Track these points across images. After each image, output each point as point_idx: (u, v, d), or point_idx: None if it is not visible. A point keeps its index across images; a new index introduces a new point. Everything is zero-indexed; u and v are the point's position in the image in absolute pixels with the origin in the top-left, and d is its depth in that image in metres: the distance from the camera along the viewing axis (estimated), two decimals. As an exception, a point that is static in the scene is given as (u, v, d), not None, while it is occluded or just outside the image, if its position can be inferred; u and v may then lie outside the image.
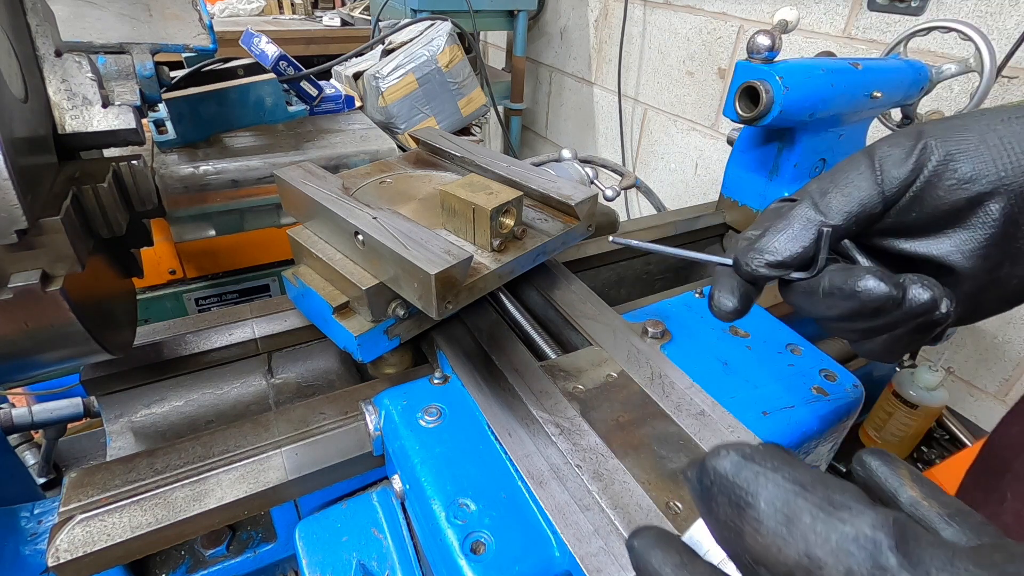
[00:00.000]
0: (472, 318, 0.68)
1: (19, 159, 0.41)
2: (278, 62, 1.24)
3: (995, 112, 0.32)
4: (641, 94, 2.23)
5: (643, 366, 0.60)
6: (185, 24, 0.76)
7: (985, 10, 1.24)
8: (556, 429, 0.52)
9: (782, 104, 0.84)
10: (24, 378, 0.87)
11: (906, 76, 1.00)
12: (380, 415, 0.58)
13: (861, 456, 0.26)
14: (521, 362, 0.61)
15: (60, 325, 0.46)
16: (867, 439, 1.29)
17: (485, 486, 0.49)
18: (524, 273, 0.66)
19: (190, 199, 1.08)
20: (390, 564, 0.55)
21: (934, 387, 1.17)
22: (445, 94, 1.66)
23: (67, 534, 0.48)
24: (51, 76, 0.53)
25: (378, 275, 0.58)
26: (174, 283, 1.17)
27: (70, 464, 0.90)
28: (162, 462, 0.55)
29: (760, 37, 0.85)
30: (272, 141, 1.21)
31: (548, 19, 2.66)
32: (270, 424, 0.59)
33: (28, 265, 0.44)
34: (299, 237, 0.66)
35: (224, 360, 0.70)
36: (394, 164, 0.81)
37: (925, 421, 1.20)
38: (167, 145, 1.12)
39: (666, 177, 2.21)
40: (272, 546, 0.66)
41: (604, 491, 0.46)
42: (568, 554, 0.43)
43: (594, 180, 1.02)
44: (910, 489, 0.23)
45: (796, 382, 0.65)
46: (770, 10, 1.67)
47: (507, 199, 0.58)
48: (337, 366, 0.76)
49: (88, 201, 0.50)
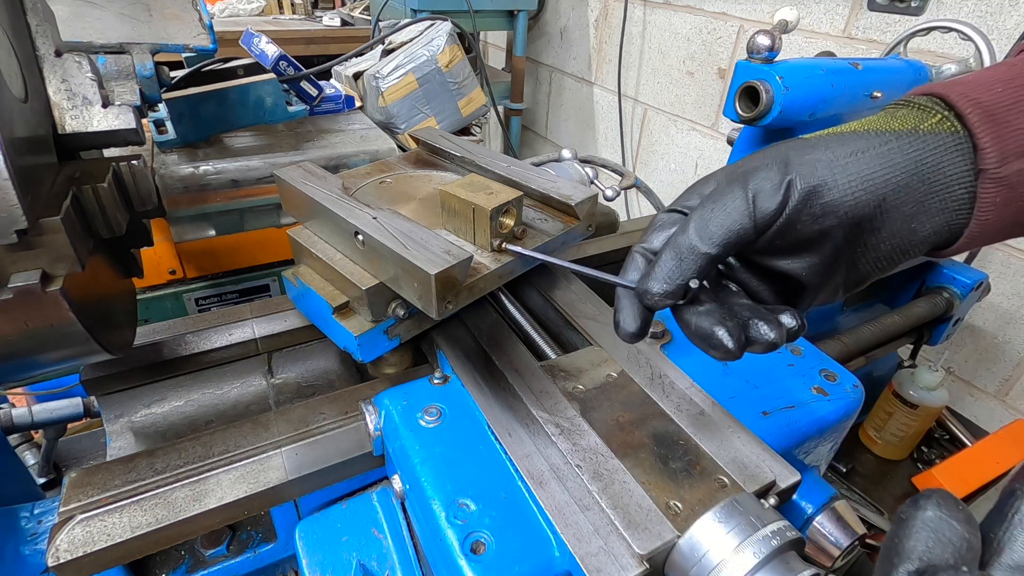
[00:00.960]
0: (472, 318, 0.68)
1: (19, 159, 0.41)
2: (278, 62, 1.24)
3: (858, 139, 0.37)
4: (641, 94, 2.23)
5: (643, 366, 0.60)
6: (185, 24, 0.76)
7: (985, 10, 1.24)
8: (556, 429, 0.52)
9: (782, 104, 0.84)
10: (24, 378, 0.87)
11: (906, 76, 1.00)
12: (380, 415, 0.58)
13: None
14: (521, 362, 0.61)
15: (60, 325, 0.46)
16: (867, 439, 1.29)
17: (485, 486, 0.49)
18: (524, 273, 0.66)
19: (190, 199, 1.08)
20: (390, 564, 0.55)
21: (934, 387, 1.17)
22: (445, 94, 1.66)
23: (67, 534, 0.48)
24: (51, 76, 0.53)
25: (378, 275, 0.58)
26: (174, 283, 1.17)
27: (70, 464, 0.90)
28: (162, 462, 0.55)
29: (760, 37, 0.85)
30: (272, 141, 1.21)
31: (548, 19, 2.67)
32: (270, 424, 0.59)
33: (28, 265, 0.44)
34: (299, 237, 0.66)
35: (224, 360, 0.70)
36: (394, 164, 0.81)
37: (925, 421, 1.20)
38: (167, 145, 1.12)
39: (666, 177, 2.21)
40: (272, 546, 0.66)
41: (604, 491, 0.46)
42: (568, 554, 0.43)
43: (594, 180, 1.02)
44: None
45: (796, 382, 0.65)
46: (770, 10, 1.67)
47: (507, 199, 0.58)
48: (337, 366, 0.76)
49: (88, 201, 0.50)
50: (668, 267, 0.38)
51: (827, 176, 0.36)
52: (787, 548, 0.40)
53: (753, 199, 0.37)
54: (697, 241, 0.37)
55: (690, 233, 0.38)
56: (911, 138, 0.36)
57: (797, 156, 0.37)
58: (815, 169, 0.36)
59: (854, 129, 0.38)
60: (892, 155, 0.36)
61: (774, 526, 0.41)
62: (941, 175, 0.36)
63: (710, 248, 0.37)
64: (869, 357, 1.11)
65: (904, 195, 0.36)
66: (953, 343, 1.44)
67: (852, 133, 0.38)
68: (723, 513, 0.42)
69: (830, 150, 0.37)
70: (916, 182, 0.36)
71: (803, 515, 0.61)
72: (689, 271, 0.38)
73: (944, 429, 1.33)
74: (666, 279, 0.38)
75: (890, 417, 1.22)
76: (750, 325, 0.39)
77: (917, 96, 0.39)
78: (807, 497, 0.61)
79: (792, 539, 0.40)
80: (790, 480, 0.49)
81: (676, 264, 0.38)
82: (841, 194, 0.36)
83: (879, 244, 0.38)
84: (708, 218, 0.38)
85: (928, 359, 1.41)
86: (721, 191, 0.38)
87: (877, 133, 0.37)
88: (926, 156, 0.36)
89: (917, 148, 0.36)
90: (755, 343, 0.39)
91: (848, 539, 0.59)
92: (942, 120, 0.36)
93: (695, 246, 0.38)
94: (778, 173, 0.37)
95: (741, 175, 0.38)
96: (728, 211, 0.37)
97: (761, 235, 0.38)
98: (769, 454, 0.51)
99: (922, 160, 0.36)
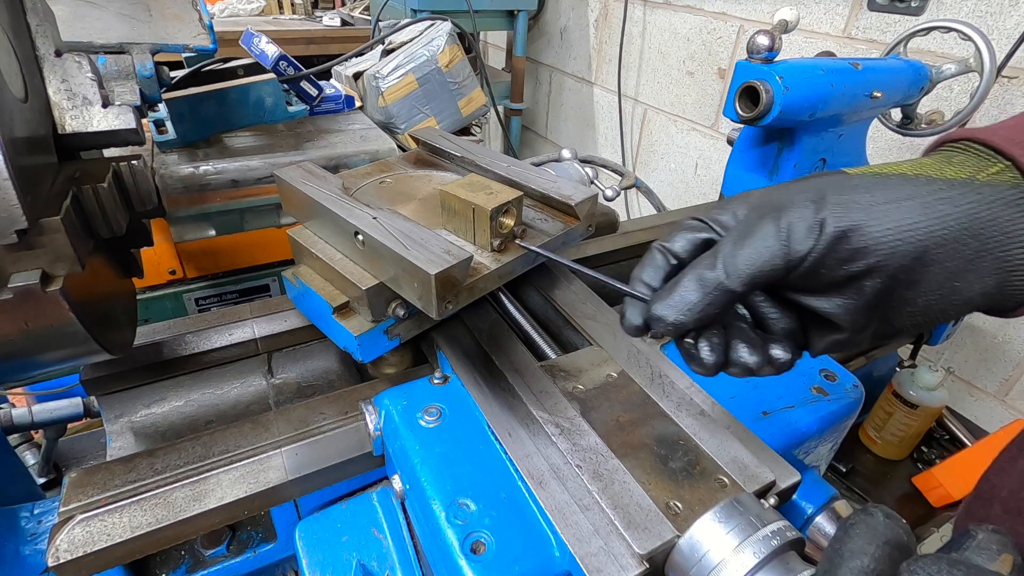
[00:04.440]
0: (472, 318, 0.68)
1: (19, 159, 0.41)
2: (278, 62, 1.24)
3: (905, 184, 0.34)
4: (641, 94, 2.23)
5: (643, 366, 0.60)
6: (185, 24, 0.76)
7: (985, 10, 1.24)
8: (556, 429, 0.52)
9: (782, 104, 0.84)
10: (24, 378, 0.87)
11: (906, 76, 1.00)
12: (380, 415, 0.58)
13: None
14: (521, 362, 0.61)
15: (60, 325, 0.46)
16: (867, 439, 1.29)
17: (485, 486, 0.49)
18: (524, 273, 0.66)
19: (190, 199, 1.08)
20: (390, 564, 0.55)
21: (934, 387, 1.17)
22: (445, 94, 1.66)
23: (67, 534, 0.48)
24: (51, 76, 0.53)
25: (378, 275, 0.58)
26: (174, 283, 1.17)
27: (70, 464, 0.90)
28: (162, 462, 0.55)
29: (760, 37, 0.85)
30: (272, 141, 1.21)
31: (548, 19, 2.66)
32: (270, 424, 0.59)
33: (28, 265, 0.44)
34: (299, 237, 0.66)
35: (224, 360, 0.70)
36: (394, 164, 0.81)
37: (925, 421, 1.20)
38: (167, 145, 1.12)
39: (666, 177, 2.21)
40: (272, 546, 0.66)
41: (604, 491, 0.46)
42: (568, 554, 0.43)
43: (594, 180, 1.02)
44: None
45: (796, 382, 0.65)
46: (770, 10, 1.67)
47: (507, 199, 0.58)
48: (337, 366, 0.76)
49: (88, 201, 0.50)
50: (689, 299, 0.36)
51: (862, 220, 0.34)
52: (787, 548, 0.40)
53: (787, 238, 0.35)
54: (724, 277, 0.35)
55: (718, 268, 0.36)
56: (965, 189, 0.33)
57: (834, 194, 0.35)
58: (849, 211, 0.34)
59: (904, 171, 0.35)
60: (941, 206, 0.33)
61: (774, 526, 0.41)
62: (996, 231, 0.33)
63: (737, 287, 0.35)
64: (869, 357, 1.11)
65: (950, 250, 0.33)
66: (953, 343, 1.44)
67: (900, 176, 0.35)
68: (723, 513, 0.42)
69: (871, 192, 0.34)
70: (966, 237, 0.33)
71: (803, 515, 0.61)
72: (712, 307, 0.36)
73: (944, 429, 1.33)
74: (684, 311, 0.36)
75: (890, 417, 1.22)
76: (733, 346, 0.38)
77: (972, 141, 0.36)
78: (807, 497, 0.61)
79: (792, 539, 0.40)
80: (790, 480, 0.49)
81: (699, 297, 0.36)
82: (875, 241, 0.33)
83: (916, 299, 0.35)
84: (737, 255, 0.35)
85: (928, 359, 1.41)
86: (752, 225, 0.36)
87: (928, 180, 0.34)
88: (980, 210, 0.33)
89: (971, 201, 0.33)
90: (734, 365, 0.38)
91: (848, 539, 0.59)
92: (1001, 171, 0.33)
93: (722, 283, 0.35)
94: (812, 211, 0.35)
95: (775, 209, 0.36)
96: (759, 249, 0.35)
97: (791, 274, 0.36)
98: (769, 454, 0.51)
99: (976, 214, 0.33)
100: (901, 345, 1.23)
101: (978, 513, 0.50)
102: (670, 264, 0.40)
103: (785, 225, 0.35)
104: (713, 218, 0.40)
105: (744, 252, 0.35)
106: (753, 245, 0.35)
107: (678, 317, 0.37)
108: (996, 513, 0.47)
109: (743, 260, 0.35)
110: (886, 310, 0.36)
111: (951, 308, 0.35)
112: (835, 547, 0.28)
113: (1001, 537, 0.26)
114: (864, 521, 0.28)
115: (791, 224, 0.35)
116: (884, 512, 0.28)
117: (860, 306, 0.36)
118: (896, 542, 0.27)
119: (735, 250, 0.36)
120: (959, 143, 0.37)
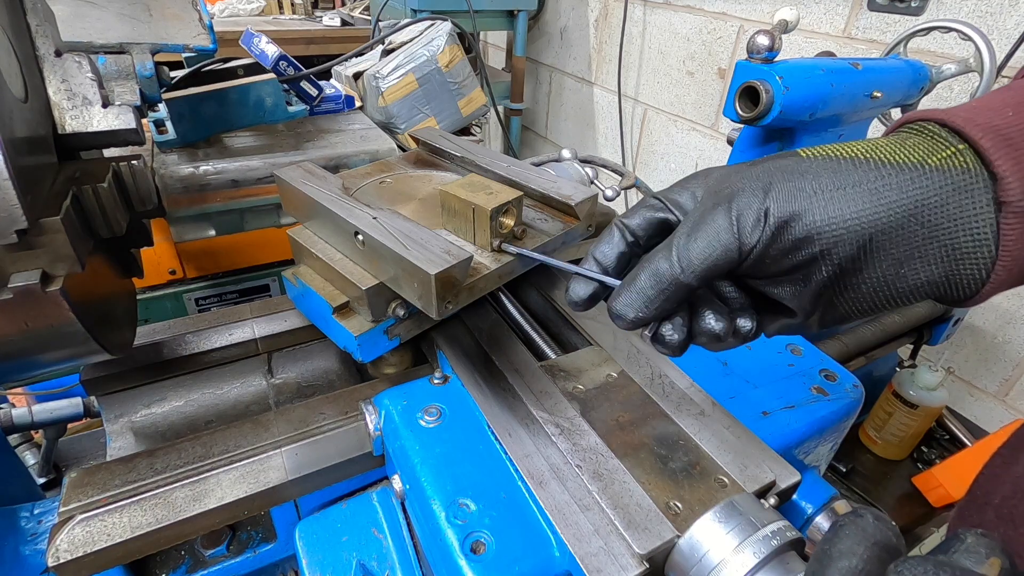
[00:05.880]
0: (472, 318, 0.68)
1: (19, 159, 0.41)
2: (278, 62, 1.24)
3: (854, 170, 0.34)
4: (641, 94, 2.23)
5: (643, 366, 0.60)
6: (185, 24, 0.76)
7: (985, 10, 1.24)
8: (556, 429, 0.52)
9: (782, 104, 0.84)
10: (24, 378, 0.87)
11: (906, 76, 1.00)
12: (380, 415, 0.58)
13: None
14: (521, 362, 0.61)
15: (60, 325, 0.46)
16: (867, 439, 1.29)
17: (485, 486, 0.49)
18: (524, 273, 0.66)
19: (190, 199, 1.08)
20: (390, 564, 0.55)
21: (934, 387, 1.17)
22: (445, 94, 1.66)
23: (67, 534, 0.48)
24: (51, 76, 0.53)
25: (378, 275, 0.58)
26: (174, 283, 1.17)
27: (70, 464, 0.90)
28: (162, 462, 0.55)
29: (760, 37, 0.85)
30: (272, 141, 1.21)
31: (548, 19, 2.67)
32: (270, 424, 0.59)
33: (28, 265, 0.44)
34: (299, 237, 0.66)
35: (224, 360, 0.70)
36: (394, 164, 0.81)
37: (925, 421, 1.20)
38: (167, 145, 1.12)
39: (666, 177, 2.21)
40: (272, 546, 0.66)
41: (604, 491, 0.46)
42: (568, 554, 0.43)
43: (594, 180, 1.02)
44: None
45: (796, 382, 0.65)
46: (770, 10, 1.67)
47: (507, 199, 0.58)
48: (337, 366, 0.76)
49: (88, 201, 0.50)
50: (646, 295, 0.37)
51: (804, 208, 0.34)
52: (787, 548, 0.40)
53: (738, 230, 0.35)
54: (679, 272, 0.36)
55: (673, 260, 0.36)
56: (914, 174, 0.33)
57: (780, 181, 0.35)
58: (793, 199, 0.34)
59: (855, 155, 0.35)
60: (887, 193, 0.33)
61: (774, 526, 0.41)
62: (943, 218, 0.32)
63: (692, 281, 0.36)
64: (869, 357, 1.11)
65: (895, 237, 0.33)
66: (953, 343, 1.44)
67: (850, 160, 0.35)
68: (723, 513, 0.42)
69: (818, 179, 0.34)
70: (913, 224, 0.32)
71: (803, 515, 0.61)
72: (668, 302, 0.37)
73: (944, 429, 1.33)
74: (642, 307, 0.37)
75: (890, 417, 1.22)
76: (700, 314, 0.38)
77: (930, 122, 0.35)
78: (807, 497, 0.61)
79: (792, 539, 0.40)
80: (790, 480, 0.49)
81: (656, 293, 0.37)
82: (817, 230, 0.33)
83: (859, 285, 0.35)
84: (691, 248, 0.36)
85: (928, 359, 1.42)
86: (706, 214, 0.36)
87: (878, 164, 0.34)
88: (928, 196, 0.32)
89: (919, 187, 0.32)
90: (701, 334, 0.38)
91: (848, 539, 0.59)
92: (953, 155, 0.32)
93: (676, 277, 0.36)
94: (759, 199, 0.35)
95: (727, 196, 0.36)
96: (711, 243, 0.35)
97: (744, 261, 0.36)
98: (769, 454, 0.51)
99: (923, 200, 0.32)
100: (899, 346, 1.23)
101: (971, 518, 0.50)
102: (626, 242, 0.41)
103: (735, 215, 0.35)
104: (672, 199, 0.41)
105: (697, 245, 0.36)
106: (706, 238, 0.35)
107: (637, 315, 0.37)
108: (990, 519, 0.47)
109: (696, 254, 0.36)
110: (832, 296, 0.36)
111: (898, 295, 0.35)
112: (824, 548, 0.28)
113: (990, 541, 0.26)
114: (853, 523, 0.28)
115: (740, 214, 0.35)
116: (873, 514, 0.28)
117: (807, 293, 0.36)
118: (885, 544, 0.27)
119: (688, 243, 0.36)
120: (916, 123, 0.36)
